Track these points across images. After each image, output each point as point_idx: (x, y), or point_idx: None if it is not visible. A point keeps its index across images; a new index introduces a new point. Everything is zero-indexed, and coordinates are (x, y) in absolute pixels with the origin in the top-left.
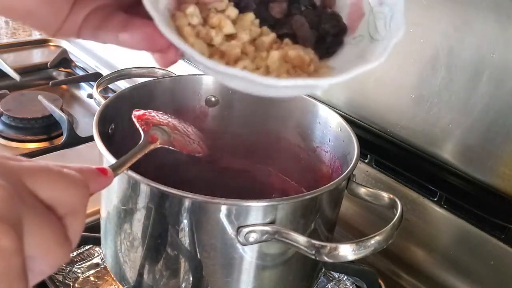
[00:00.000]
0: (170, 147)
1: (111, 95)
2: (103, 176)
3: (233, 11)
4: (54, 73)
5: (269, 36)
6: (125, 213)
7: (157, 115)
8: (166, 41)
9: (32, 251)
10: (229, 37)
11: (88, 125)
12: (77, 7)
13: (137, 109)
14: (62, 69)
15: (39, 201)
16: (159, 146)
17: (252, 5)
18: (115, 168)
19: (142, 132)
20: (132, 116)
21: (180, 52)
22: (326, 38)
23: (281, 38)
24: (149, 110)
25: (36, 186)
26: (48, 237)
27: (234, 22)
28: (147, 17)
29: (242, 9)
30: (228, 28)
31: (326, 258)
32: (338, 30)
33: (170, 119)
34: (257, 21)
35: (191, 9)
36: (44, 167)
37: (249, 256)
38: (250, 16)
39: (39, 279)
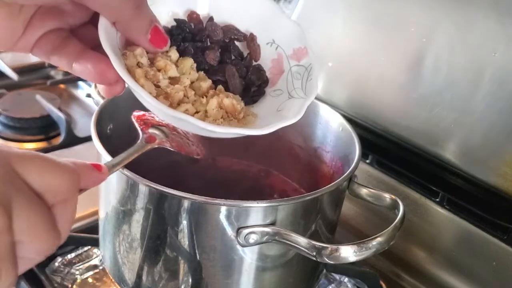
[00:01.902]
0: (168, 147)
1: None
2: (97, 172)
3: (174, 54)
4: (52, 72)
5: (207, 83)
6: (124, 214)
7: (157, 116)
8: (114, 77)
9: (19, 236)
10: (172, 79)
11: (86, 125)
12: (29, 30)
13: (137, 110)
14: (60, 68)
15: (28, 187)
16: (156, 146)
17: (191, 50)
18: (111, 166)
19: (140, 132)
20: (132, 117)
21: (125, 86)
22: (251, 87)
23: (214, 82)
24: (149, 112)
25: (26, 172)
26: (36, 222)
27: (176, 63)
28: (98, 48)
29: (181, 53)
30: (172, 72)
31: (327, 260)
32: (261, 82)
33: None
34: (195, 65)
35: (139, 50)
36: (35, 154)
37: (249, 257)
38: (189, 61)
39: (27, 267)
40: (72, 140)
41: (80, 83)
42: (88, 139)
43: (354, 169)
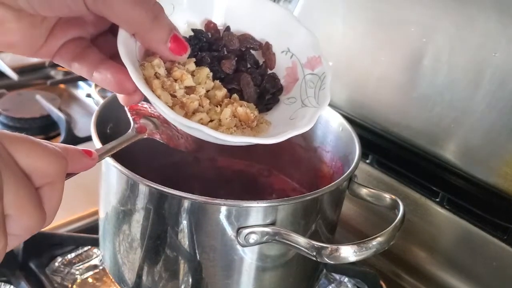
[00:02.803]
0: (157, 139)
1: (109, 94)
2: (87, 157)
3: (192, 66)
4: (52, 72)
5: (222, 92)
6: (124, 214)
7: (150, 108)
8: (133, 87)
9: (8, 209)
10: (188, 88)
11: (87, 125)
12: (51, 39)
13: None
14: (60, 68)
15: (17, 165)
16: (146, 136)
17: (207, 60)
18: (101, 153)
19: (132, 122)
20: (125, 106)
21: (143, 95)
22: (266, 95)
23: (229, 91)
24: (142, 102)
25: (15, 152)
26: (23, 197)
27: (192, 73)
28: (117, 57)
29: (198, 62)
30: (188, 82)
31: (327, 260)
32: (276, 90)
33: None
34: (211, 74)
35: (157, 61)
36: (24, 137)
37: (249, 257)
38: (205, 71)
39: (15, 244)
40: (72, 140)
41: (80, 83)
42: (88, 139)
43: (354, 169)
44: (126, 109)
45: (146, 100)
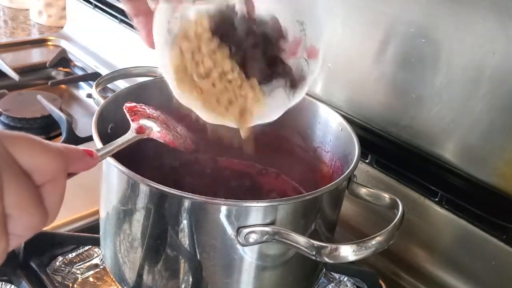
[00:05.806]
0: (157, 139)
1: (110, 95)
2: (89, 157)
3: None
4: (53, 73)
5: (233, 74)
6: (125, 214)
7: (148, 109)
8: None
9: (9, 209)
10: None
11: (87, 125)
12: None
13: (129, 102)
14: (61, 68)
15: (17, 164)
16: (145, 137)
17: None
18: (102, 153)
19: (131, 122)
20: (124, 107)
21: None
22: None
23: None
24: (140, 104)
25: (16, 151)
26: (24, 197)
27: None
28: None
29: (222, 37)
30: (227, 66)
31: (326, 259)
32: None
33: (160, 114)
34: (228, 54)
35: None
36: (24, 135)
37: (249, 257)
38: (225, 52)
39: (16, 244)
40: (73, 140)
41: (81, 83)
42: (89, 139)
43: (353, 169)
44: (125, 110)
45: None
